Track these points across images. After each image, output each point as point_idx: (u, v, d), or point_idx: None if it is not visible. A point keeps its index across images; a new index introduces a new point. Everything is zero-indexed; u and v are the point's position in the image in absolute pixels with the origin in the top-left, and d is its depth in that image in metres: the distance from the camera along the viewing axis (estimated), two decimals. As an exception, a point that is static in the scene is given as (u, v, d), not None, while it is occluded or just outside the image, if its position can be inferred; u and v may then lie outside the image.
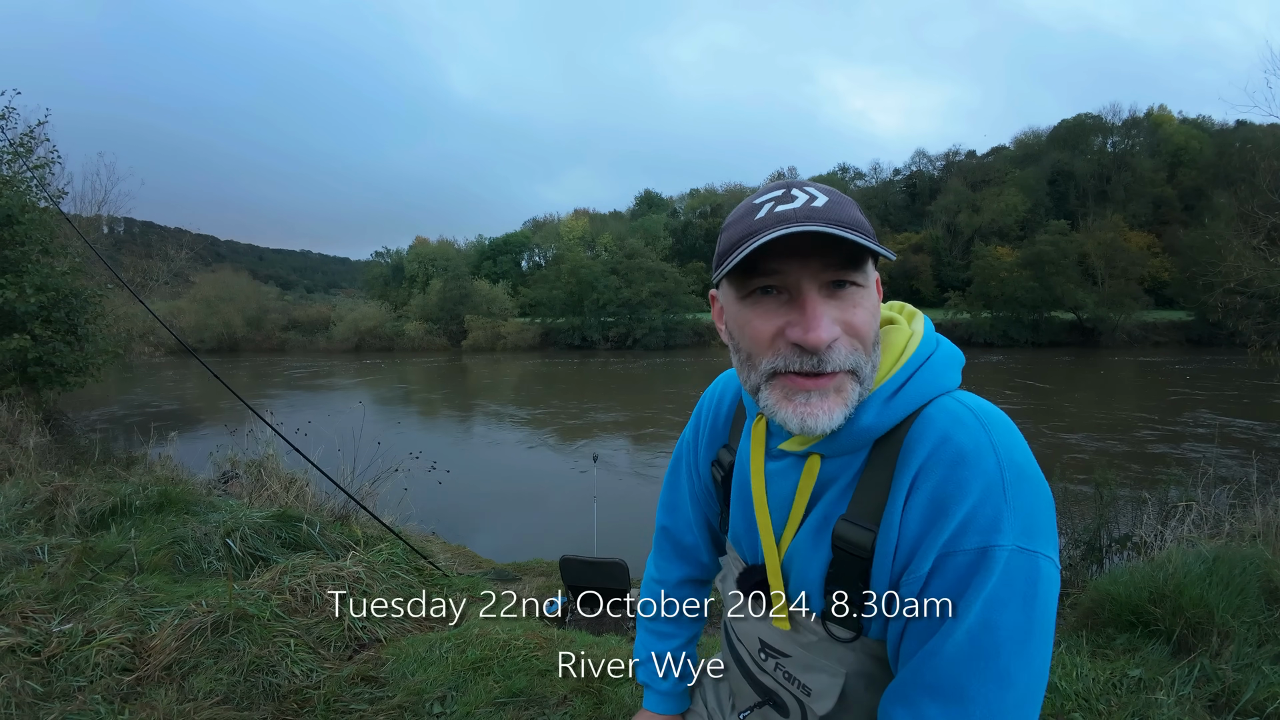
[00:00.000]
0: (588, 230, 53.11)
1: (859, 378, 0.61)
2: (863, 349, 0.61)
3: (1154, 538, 3.49)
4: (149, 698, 2.07)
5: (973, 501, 0.56)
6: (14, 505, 3.80)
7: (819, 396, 0.60)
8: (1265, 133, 26.86)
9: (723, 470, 0.83)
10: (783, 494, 0.70)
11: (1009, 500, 0.56)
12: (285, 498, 4.64)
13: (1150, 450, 10.49)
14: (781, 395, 0.62)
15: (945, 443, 0.59)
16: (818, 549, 0.66)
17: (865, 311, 0.61)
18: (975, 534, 0.55)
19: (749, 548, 0.76)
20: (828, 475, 0.67)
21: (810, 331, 0.58)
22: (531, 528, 7.26)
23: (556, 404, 18.09)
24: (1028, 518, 0.56)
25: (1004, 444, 0.58)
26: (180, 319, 31.06)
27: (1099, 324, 33.38)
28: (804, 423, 0.60)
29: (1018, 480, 0.57)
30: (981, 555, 0.55)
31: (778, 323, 0.61)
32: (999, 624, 0.55)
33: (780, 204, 0.60)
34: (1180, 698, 1.95)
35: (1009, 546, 0.55)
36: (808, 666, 0.69)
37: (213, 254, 57.70)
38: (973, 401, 0.63)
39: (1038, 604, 0.55)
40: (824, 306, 0.59)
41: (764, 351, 0.62)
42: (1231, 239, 12.56)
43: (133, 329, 13.00)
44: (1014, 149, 52.79)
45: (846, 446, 0.64)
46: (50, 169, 9.52)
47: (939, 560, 0.57)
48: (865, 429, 0.63)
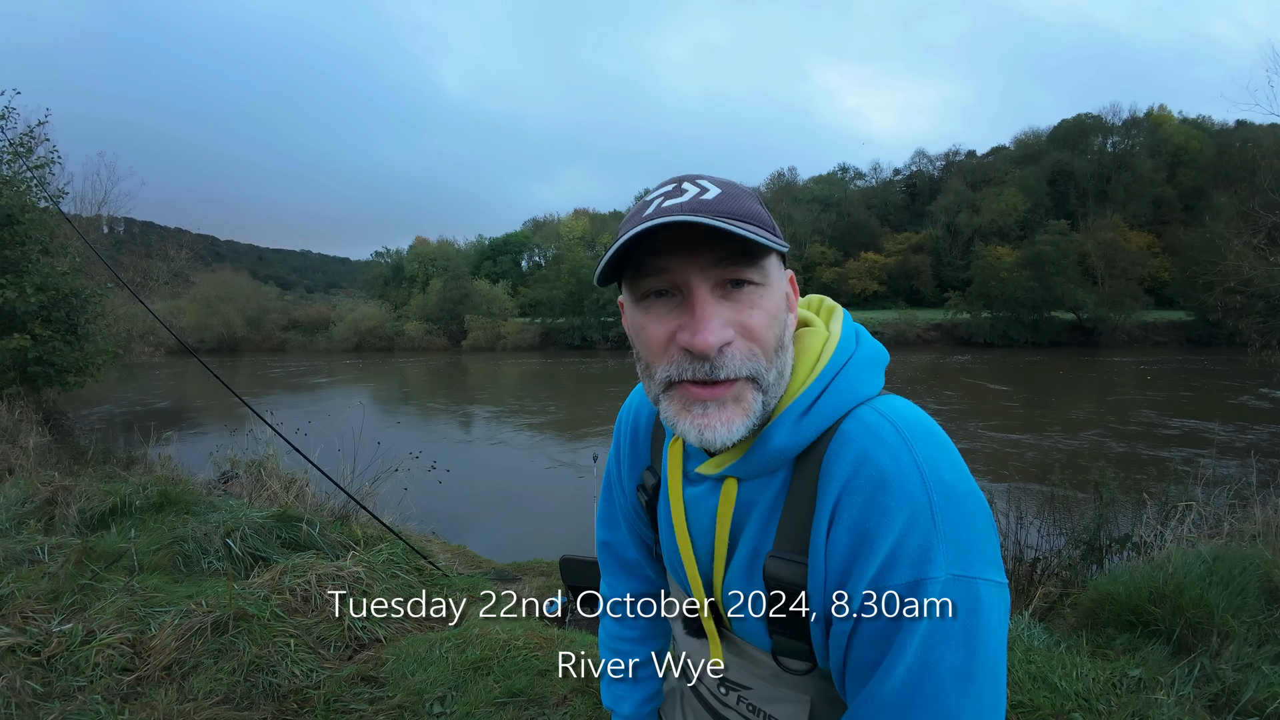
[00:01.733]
0: (588, 230, 53.14)
1: (760, 386, 0.57)
2: (762, 354, 0.56)
3: (1154, 538, 3.49)
4: (149, 698, 2.07)
5: (898, 531, 0.51)
6: (14, 505, 3.80)
7: (716, 407, 0.56)
8: (1265, 132, 26.87)
9: (647, 494, 0.77)
10: (704, 521, 0.65)
11: (938, 526, 0.51)
12: (285, 498, 4.64)
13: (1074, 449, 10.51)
14: (679, 406, 0.57)
15: (864, 464, 0.54)
16: (751, 586, 0.61)
17: (763, 313, 0.56)
18: (904, 568, 0.50)
19: (681, 577, 0.71)
20: (746, 499, 0.62)
21: (698, 334, 0.54)
22: (531, 528, 7.26)
23: (557, 404, 18.10)
24: (961, 542, 0.51)
25: (929, 461, 0.53)
26: (180, 319, 31.08)
27: (1099, 324, 33.38)
28: (702, 435, 0.56)
29: (946, 502, 0.52)
30: (913, 589, 0.50)
31: (670, 327, 0.56)
32: (939, 663, 0.50)
33: (669, 198, 0.56)
34: (1180, 698, 1.95)
35: (942, 578, 0.50)
36: (770, 698, 0.66)
37: (213, 254, 57.79)
38: (895, 411, 0.58)
39: (980, 634, 0.50)
40: (715, 307, 0.55)
41: (659, 358, 0.58)
42: (1232, 238, 12.57)
43: (133, 329, 13.02)
44: (1014, 149, 52.82)
45: (761, 468, 0.60)
46: (50, 169, 9.53)
47: (868, 597, 0.52)
48: (778, 450, 0.58)
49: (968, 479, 0.55)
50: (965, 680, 0.50)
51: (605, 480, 0.91)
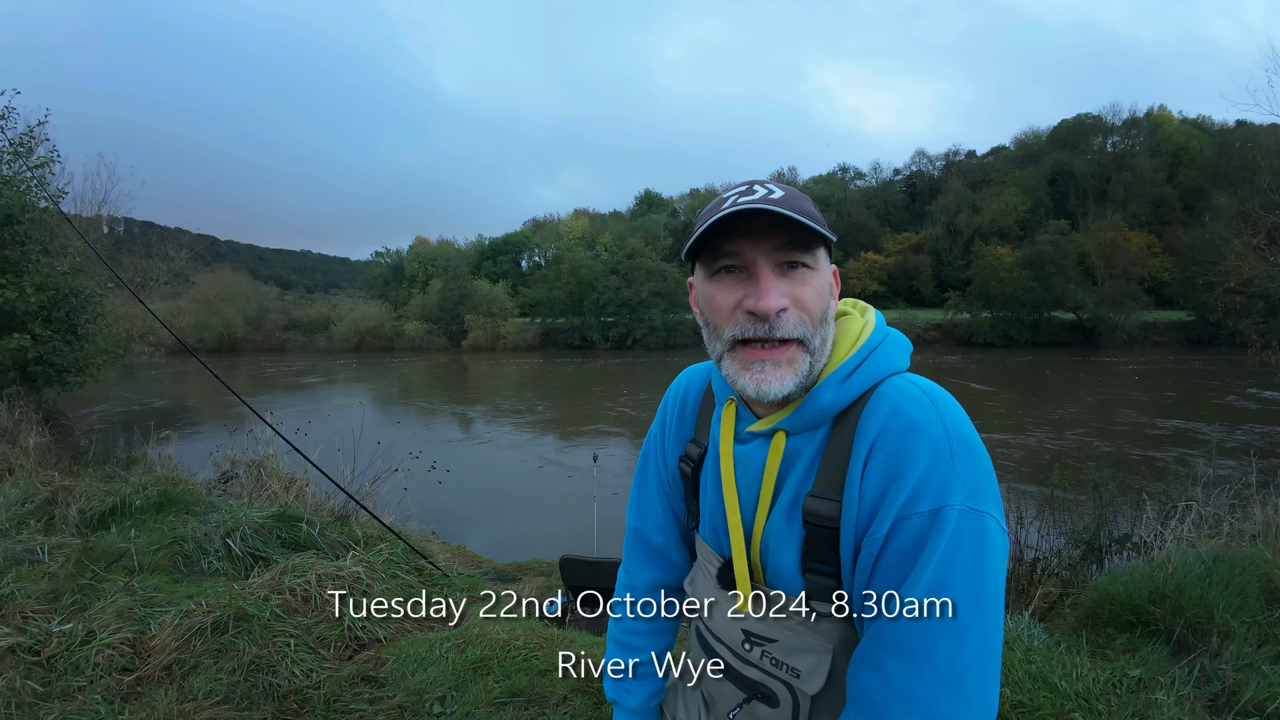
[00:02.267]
0: (588, 230, 53.10)
1: (808, 349, 0.69)
2: (810, 322, 0.68)
3: (1154, 538, 3.49)
4: (149, 698, 2.07)
5: (924, 467, 0.61)
6: (14, 505, 3.80)
7: (772, 365, 0.68)
8: (1265, 132, 26.87)
9: (691, 463, 0.86)
10: (751, 474, 0.74)
11: (956, 465, 0.61)
12: (285, 498, 4.64)
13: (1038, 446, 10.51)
14: (740, 365, 0.69)
15: (896, 414, 0.65)
16: (791, 529, 0.70)
17: (813, 289, 0.69)
18: (928, 497, 0.60)
19: (724, 537, 0.79)
20: (792, 452, 0.72)
21: (761, 299, 0.66)
22: (531, 528, 7.25)
23: (556, 404, 18.10)
24: (974, 481, 0.61)
25: (950, 416, 0.65)
26: (180, 319, 31.06)
27: (1099, 324, 33.35)
28: (759, 388, 0.68)
29: (963, 448, 0.62)
30: (934, 516, 0.60)
31: (737, 295, 0.69)
32: (954, 580, 0.58)
33: (743, 196, 0.67)
34: (1180, 698, 1.95)
35: (959, 507, 0.59)
36: (794, 649, 0.72)
37: (213, 254, 57.68)
38: (920, 380, 0.70)
39: (987, 560, 0.59)
40: (775, 281, 0.67)
41: (725, 321, 0.70)
42: (1232, 238, 12.56)
43: (133, 329, 13.02)
44: (1014, 149, 52.77)
45: (808, 422, 0.70)
46: (50, 169, 9.52)
47: (895, 524, 0.61)
48: (825, 405, 0.69)
49: (978, 437, 0.66)
50: (975, 599, 0.59)
51: (641, 461, 0.98)
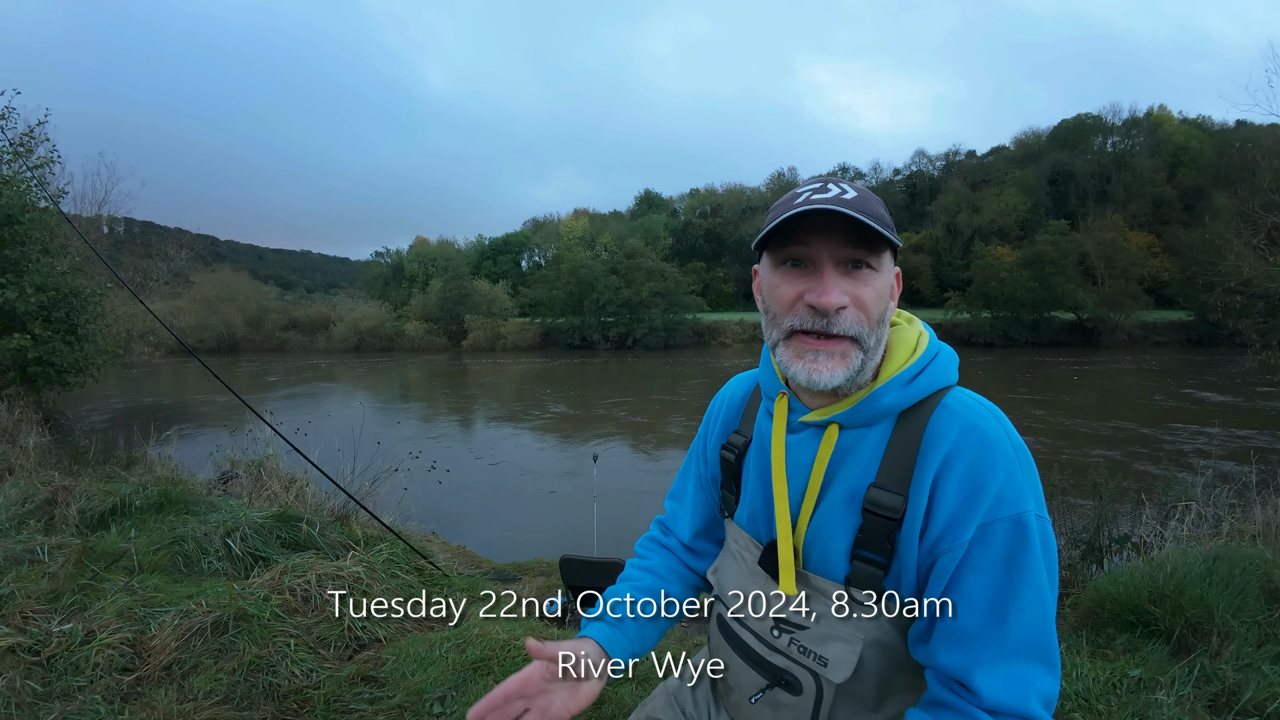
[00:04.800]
0: (588, 230, 53.10)
1: (863, 347, 0.71)
2: (866, 321, 0.71)
3: (1154, 538, 3.49)
4: (149, 698, 2.07)
5: (1002, 478, 0.67)
6: (14, 505, 3.80)
7: (825, 356, 0.71)
8: (1265, 132, 26.85)
9: (734, 452, 0.88)
10: (801, 463, 0.77)
11: (1025, 477, 0.69)
12: (285, 498, 4.63)
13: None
14: (794, 354, 0.72)
15: (972, 429, 0.70)
16: (848, 515, 0.73)
17: (874, 291, 0.71)
18: (1008, 504, 0.67)
19: (765, 524, 0.82)
20: (844, 445, 0.75)
21: (823, 295, 0.69)
22: (532, 527, 7.25)
23: (556, 404, 18.09)
24: (1037, 490, 0.69)
25: (1011, 432, 0.71)
26: (180, 319, 31.08)
27: (1099, 324, 33.35)
28: (810, 377, 0.71)
29: (1026, 461, 0.70)
30: (1015, 521, 0.66)
31: (800, 288, 0.71)
32: (1031, 570, 0.66)
33: (817, 194, 0.70)
34: (1180, 698, 1.95)
35: (1033, 512, 0.67)
36: (824, 637, 0.74)
37: (213, 254, 57.73)
38: (978, 397, 0.75)
39: (1049, 555, 0.68)
40: (838, 279, 0.70)
41: (786, 311, 0.73)
42: (1232, 238, 12.55)
43: (133, 329, 13.03)
44: (1014, 149, 52.79)
45: (865, 419, 0.74)
46: (50, 169, 9.52)
47: (982, 528, 0.67)
48: (887, 406, 0.73)
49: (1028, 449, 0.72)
50: (1049, 579, 0.67)
51: (686, 461, 1.03)
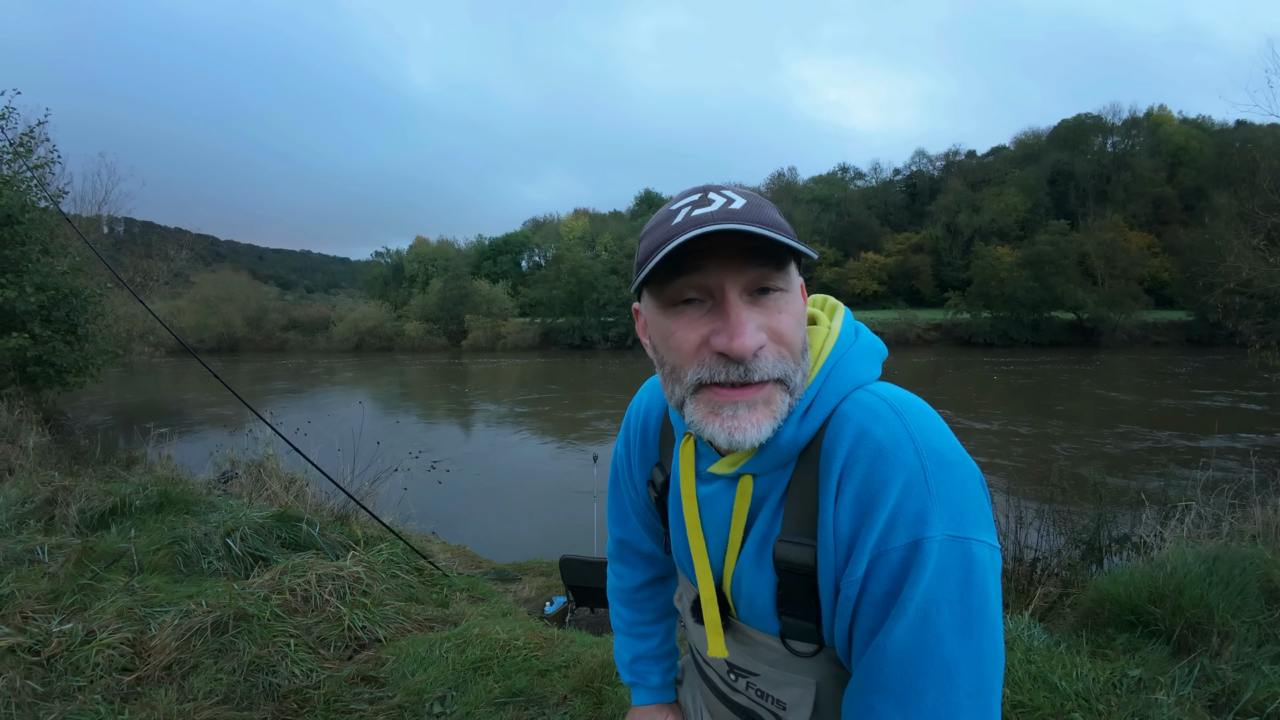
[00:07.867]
0: (588, 230, 53.14)
1: (788, 388, 0.59)
2: (790, 356, 0.58)
3: (1153, 538, 3.49)
4: (149, 698, 2.07)
5: (896, 496, 0.55)
6: (14, 505, 3.80)
7: (746, 409, 0.57)
8: (1265, 132, 26.91)
9: (657, 491, 0.80)
10: (719, 519, 0.68)
11: (932, 490, 0.54)
12: (285, 498, 4.63)
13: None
14: (708, 410, 0.59)
15: (862, 438, 0.58)
16: (761, 572, 0.64)
17: (791, 317, 0.59)
18: (903, 529, 0.54)
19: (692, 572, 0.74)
20: (760, 494, 0.64)
21: (735, 339, 0.55)
22: (531, 527, 7.26)
23: (556, 404, 18.09)
24: (954, 505, 0.54)
25: (921, 432, 0.57)
26: (180, 319, 31.12)
27: (1099, 324, 33.38)
28: (731, 437, 0.58)
29: (939, 468, 0.55)
30: (913, 550, 0.53)
31: (702, 331, 0.58)
32: (938, 616, 0.53)
33: (697, 208, 0.57)
34: (1180, 698, 1.95)
35: (938, 537, 0.53)
36: (777, 682, 0.68)
37: (213, 254, 57.73)
38: (886, 391, 0.61)
39: (974, 590, 0.53)
40: (748, 313, 0.57)
41: (689, 362, 0.59)
42: (1231, 239, 12.56)
43: (133, 329, 13.04)
44: (1014, 149, 52.86)
45: (774, 463, 0.62)
46: (50, 169, 9.52)
47: (873, 561, 0.55)
48: (787, 444, 0.61)
49: (958, 448, 0.58)
50: (963, 633, 0.53)
51: (613, 476, 0.92)
